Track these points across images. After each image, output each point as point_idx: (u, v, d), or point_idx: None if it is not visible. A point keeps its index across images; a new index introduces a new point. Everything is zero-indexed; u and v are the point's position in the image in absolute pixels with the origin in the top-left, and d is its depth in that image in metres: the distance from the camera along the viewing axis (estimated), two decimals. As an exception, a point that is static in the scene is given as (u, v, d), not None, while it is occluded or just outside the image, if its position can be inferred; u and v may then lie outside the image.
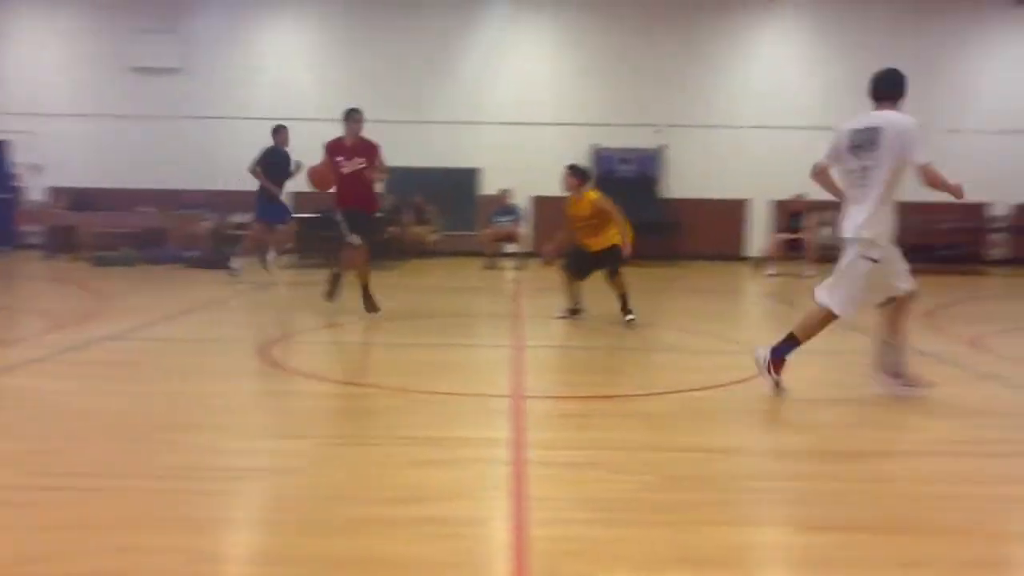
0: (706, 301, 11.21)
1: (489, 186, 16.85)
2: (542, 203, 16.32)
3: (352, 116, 8.29)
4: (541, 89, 17.26)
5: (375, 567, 2.71)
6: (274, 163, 11.51)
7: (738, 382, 5.55)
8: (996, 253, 16.81)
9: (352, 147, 8.17)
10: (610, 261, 8.13)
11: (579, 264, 8.34)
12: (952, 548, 2.94)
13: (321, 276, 9.03)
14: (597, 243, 8.16)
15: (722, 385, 5.50)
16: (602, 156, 16.94)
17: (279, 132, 11.66)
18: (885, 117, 4.96)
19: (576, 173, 8.45)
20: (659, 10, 17.12)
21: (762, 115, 16.94)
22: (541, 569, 2.71)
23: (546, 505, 3.26)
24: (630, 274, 8.31)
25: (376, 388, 5.46)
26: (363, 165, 8.12)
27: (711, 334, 7.87)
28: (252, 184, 11.70)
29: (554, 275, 8.95)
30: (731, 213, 16.99)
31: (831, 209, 15.44)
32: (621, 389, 5.40)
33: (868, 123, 4.99)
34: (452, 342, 7.50)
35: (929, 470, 3.89)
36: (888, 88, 5.09)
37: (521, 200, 16.13)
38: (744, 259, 16.49)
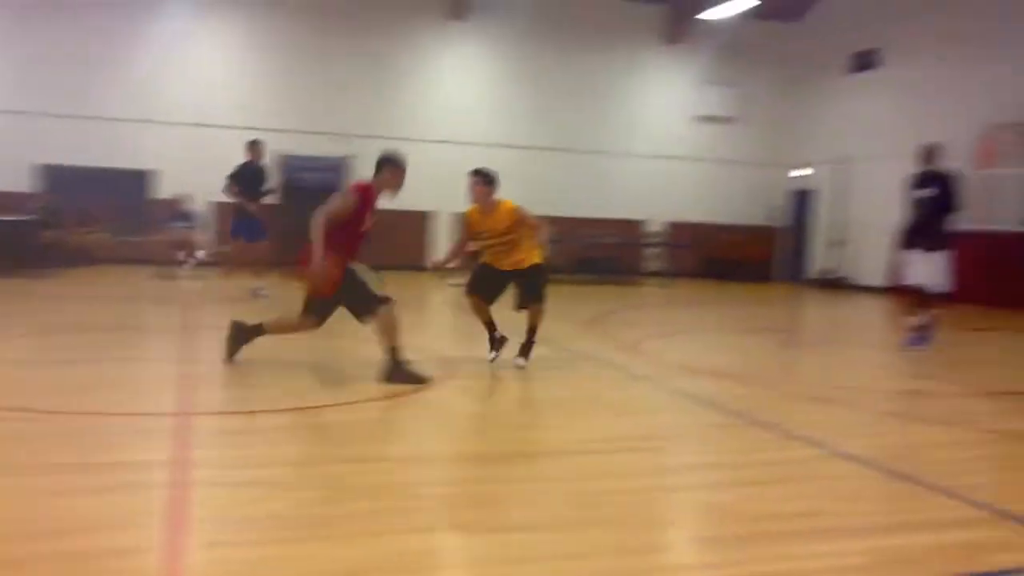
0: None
1: (167, 190, 15.83)
2: (223, 210, 15.59)
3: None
4: (225, 90, 16.56)
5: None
6: (249, 178, 10.89)
7: (417, 391, 5.62)
8: (650, 266, 18.60)
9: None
10: (531, 284, 6.66)
11: (488, 285, 6.77)
12: (609, 538, 3.15)
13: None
14: (512, 262, 6.68)
15: (401, 395, 5.53)
16: (288, 163, 16.55)
17: (255, 146, 11.16)
18: None
19: (486, 179, 6.68)
20: (349, 21, 17.11)
21: (447, 130, 17.49)
22: (201, 597, 2.54)
23: (207, 528, 3.07)
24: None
25: (23, 412, 4.86)
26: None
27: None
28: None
29: (236, 286, 8.53)
30: (416, 224, 17.31)
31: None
32: (297, 402, 5.25)
33: None
34: (115, 357, 6.89)
35: (587, 467, 4.16)
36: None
37: (202, 206, 15.31)
38: (427, 269, 16.85)
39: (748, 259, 19.14)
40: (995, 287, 13.63)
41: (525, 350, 6.66)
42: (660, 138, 19.22)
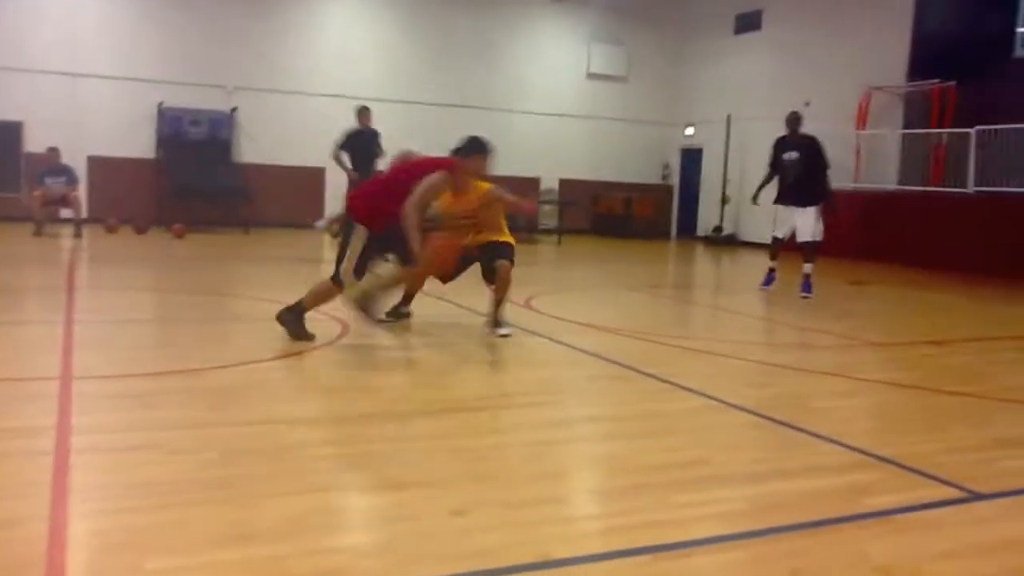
0: (281, 270, 11.03)
1: (34, 143, 14.98)
2: (99, 164, 14.91)
3: None
4: (95, 35, 15.65)
5: None
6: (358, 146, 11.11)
7: (311, 350, 5.53)
8: (546, 223, 18.73)
9: None
10: (500, 254, 6.36)
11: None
12: (498, 493, 3.17)
13: None
14: (477, 240, 6.40)
15: (294, 354, 5.43)
16: (169, 116, 15.89)
17: (363, 112, 11.59)
18: None
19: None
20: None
21: (335, 84, 17.05)
22: (82, 567, 2.44)
23: (92, 496, 2.95)
24: (197, 242, 7.87)
25: None
26: None
27: (285, 303, 7.73)
28: None
29: (117, 240, 8.19)
30: (308, 181, 16.91)
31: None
32: (187, 364, 5.09)
33: None
34: (-13, 319, 6.53)
35: (477, 423, 4.19)
36: None
37: (74, 161, 14.55)
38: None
39: (640, 216, 19.48)
40: (872, 242, 14.28)
41: (496, 315, 6.38)
42: (552, 95, 19.25)
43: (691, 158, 20.14)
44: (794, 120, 9.66)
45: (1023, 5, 12.82)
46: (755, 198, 10.04)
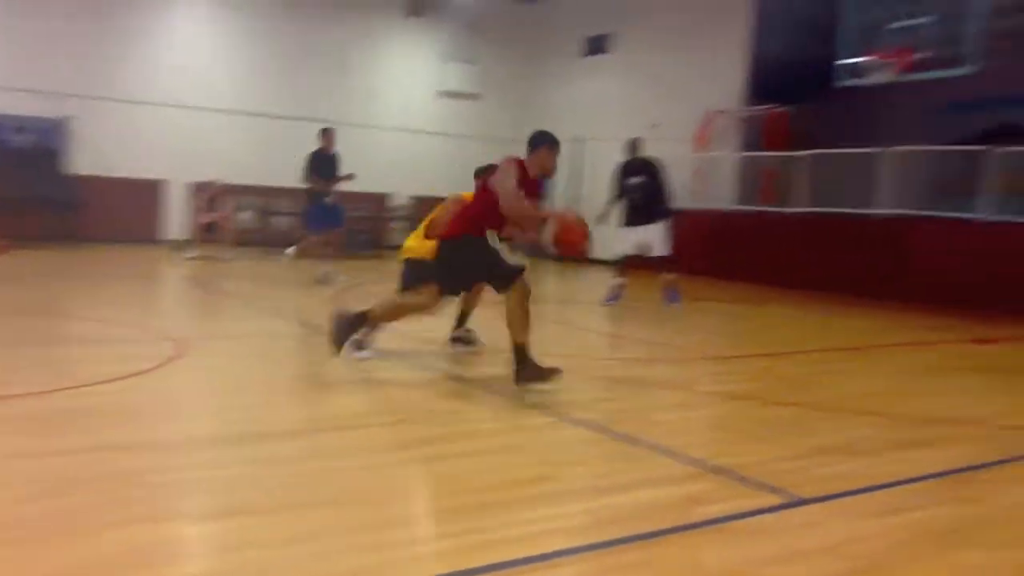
0: (119, 286, 10.50)
1: None
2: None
3: None
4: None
5: None
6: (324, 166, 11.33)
7: (151, 370, 5.28)
8: (397, 239, 18.60)
9: None
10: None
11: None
12: (340, 517, 3.12)
13: None
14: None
15: (129, 376, 5.17)
16: (-8, 123, 14.87)
17: (327, 134, 11.65)
18: None
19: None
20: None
21: (178, 94, 16.41)
22: None
23: None
24: (22, 258, 7.38)
25: None
26: None
27: (124, 322, 7.37)
28: None
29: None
30: (146, 194, 16.16)
31: (250, 194, 15.58)
32: (11, 389, 4.75)
33: None
34: None
35: (318, 446, 4.10)
36: None
37: None
38: (159, 242, 15.86)
39: (492, 233, 19.61)
40: (713, 261, 14.92)
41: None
42: (404, 111, 19.20)
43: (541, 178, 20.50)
44: (634, 146, 10.18)
45: (840, 38, 13.76)
46: (600, 219, 10.29)
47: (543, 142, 5.69)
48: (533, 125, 21.66)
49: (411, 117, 19.26)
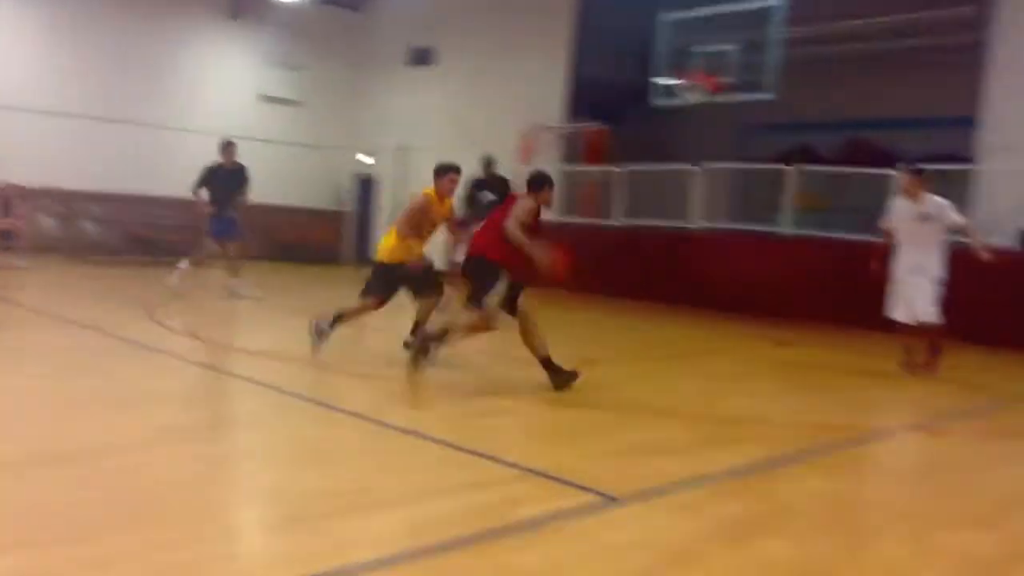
0: None
1: None
2: None
3: None
4: None
5: None
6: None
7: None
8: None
9: None
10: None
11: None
12: (143, 538, 2.94)
13: None
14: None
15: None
16: None
17: (227, 148, 11.03)
18: None
19: None
20: None
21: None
22: None
23: None
24: None
25: None
26: None
27: None
28: None
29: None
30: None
31: (51, 198, 14.56)
32: None
33: None
34: None
35: (122, 464, 3.84)
36: None
37: None
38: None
39: (316, 242, 19.26)
40: (534, 270, 15.16)
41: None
42: (226, 115, 18.45)
43: (367, 186, 20.30)
44: (488, 163, 10.84)
45: (655, 60, 14.40)
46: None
47: (545, 182, 6.46)
48: (358, 133, 21.67)
49: (232, 122, 18.53)
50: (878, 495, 4.12)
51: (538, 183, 6.44)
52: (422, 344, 6.00)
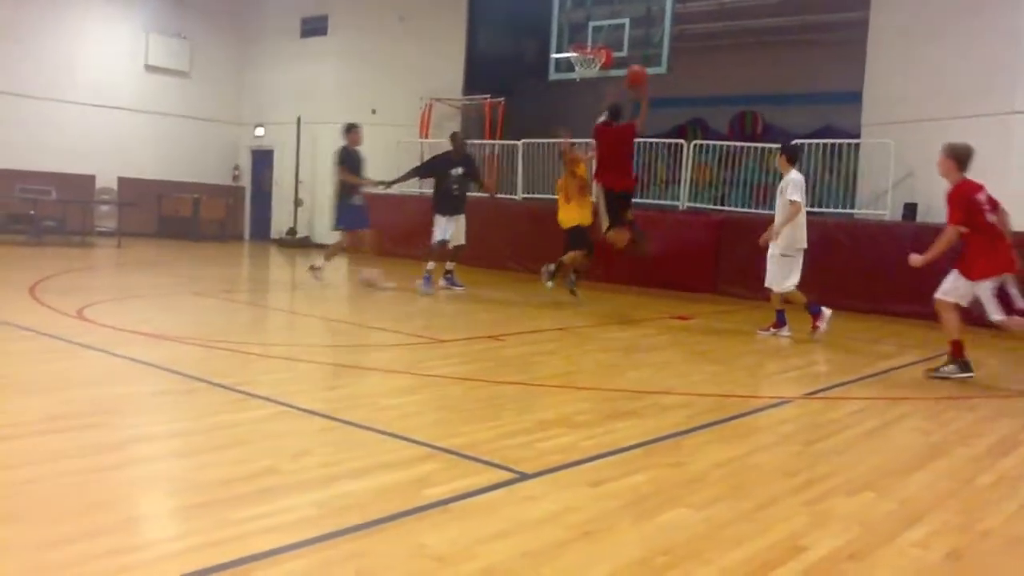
0: None
1: None
2: None
3: None
4: None
5: None
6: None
7: None
8: (103, 225, 17.19)
9: None
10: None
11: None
12: (29, 533, 2.80)
13: None
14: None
15: None
16: None
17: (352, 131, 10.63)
18: None
19: None
20: None
21: None
22: None
23: None
24: None
25: None
26: None
27: None
28: None
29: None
30: None
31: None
32: None
33: None
34: None
35: (5, 455, 3.66)
36: None
37: None
38: None
39: (210, 218, 18.68)
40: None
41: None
42: (107, 86, 17.66)
43: (262, 160, 19.76)
44: (456, 138, 11.25)
45: (554, 34, 14.42)
46: (388, 185, 10.88)
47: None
48: (248, 105, 21.22)
49: (114, 93, 17.78)
50: (777, 462, 4.25)
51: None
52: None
